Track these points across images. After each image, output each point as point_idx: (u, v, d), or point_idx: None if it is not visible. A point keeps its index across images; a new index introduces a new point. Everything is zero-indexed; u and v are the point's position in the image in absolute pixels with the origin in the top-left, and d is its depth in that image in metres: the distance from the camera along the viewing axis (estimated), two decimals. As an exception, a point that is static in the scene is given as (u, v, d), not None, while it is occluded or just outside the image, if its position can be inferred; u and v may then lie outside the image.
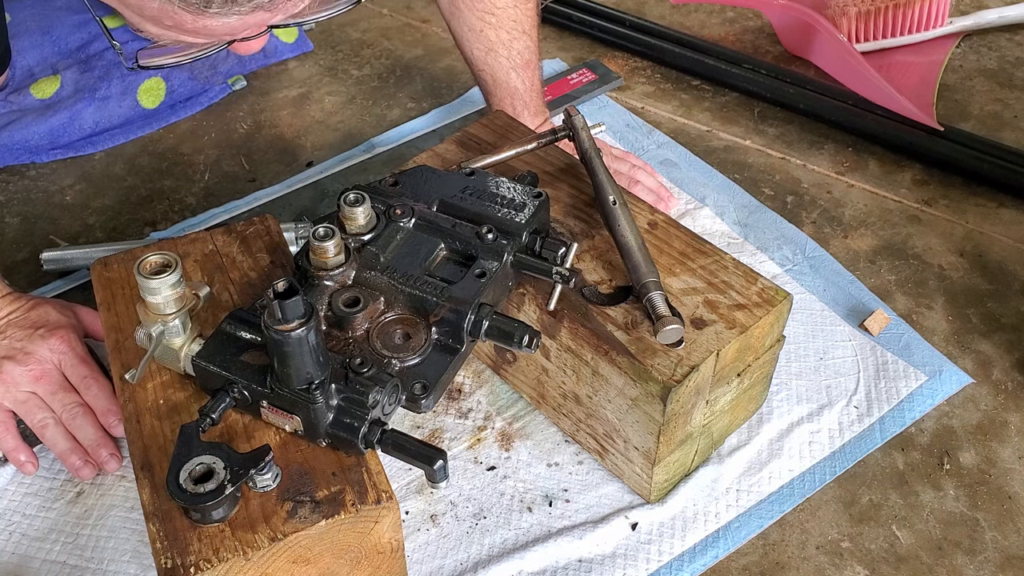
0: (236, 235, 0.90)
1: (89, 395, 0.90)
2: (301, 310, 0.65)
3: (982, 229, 1.16)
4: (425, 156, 1.00)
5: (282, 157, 1.30)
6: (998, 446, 0.93)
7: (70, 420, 0.88)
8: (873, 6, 1.40)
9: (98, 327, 0.93)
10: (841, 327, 1.03)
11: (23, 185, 1.26)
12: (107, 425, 0.90)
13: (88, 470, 0.88)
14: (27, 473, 0.89)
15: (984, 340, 1.03)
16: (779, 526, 0.87)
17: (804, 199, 1.20)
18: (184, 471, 0.66)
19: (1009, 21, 1.49)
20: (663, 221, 0.91)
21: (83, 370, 0.90)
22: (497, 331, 0.76)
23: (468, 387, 0.98)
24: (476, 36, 1.11)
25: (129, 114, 1.35)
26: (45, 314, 0.93)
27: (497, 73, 1.13)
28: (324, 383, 0.69)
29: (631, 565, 0.83)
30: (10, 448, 0.89)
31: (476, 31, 1.11)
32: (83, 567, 0.84)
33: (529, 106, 1.14)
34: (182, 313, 0.74)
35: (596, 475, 0.90)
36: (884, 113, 1.28)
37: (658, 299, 0.80)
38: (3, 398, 0.88)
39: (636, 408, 0.80)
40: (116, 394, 0.88)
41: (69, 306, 0.96)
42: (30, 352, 0.89)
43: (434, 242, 0.82)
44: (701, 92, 1.39)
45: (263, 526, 0.67)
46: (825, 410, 0.95)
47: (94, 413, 0.90)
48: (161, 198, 1.24)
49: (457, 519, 0.87)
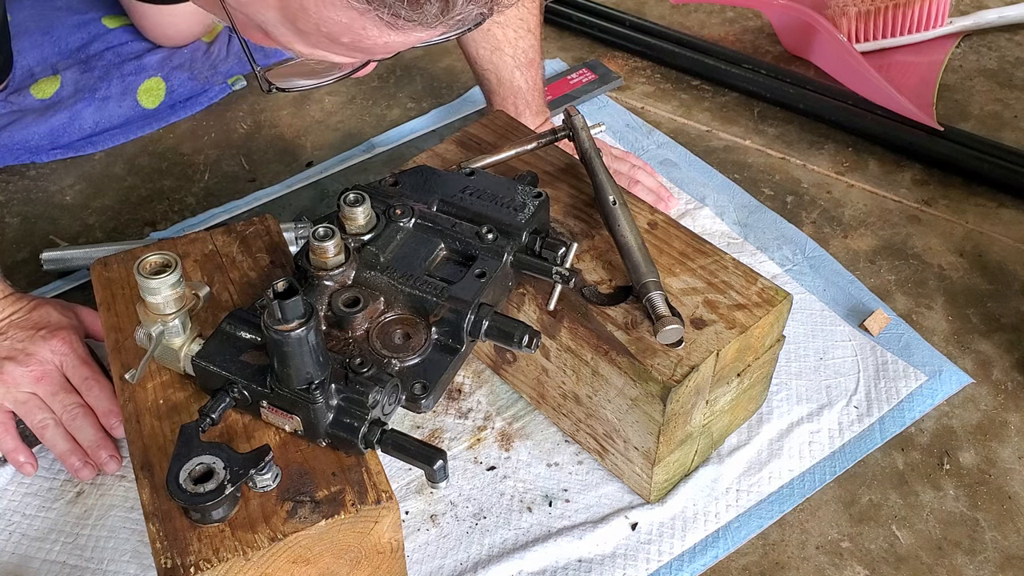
0: (236, 235, 0.90)
1: (90, 396, 0.90)
2: (301, 310, 0.65)
3: (982, 229, 1.16)
4: (425, 156, 1.00)
5: (282, 157, 1.30)
6: (998, 446, 0.93)
7: (70, 421, 0.88)
8: (873, 6, 1.40)
9: (98, 327, 0.93)
10: (841, 327, 1.03)
11: (23, 185, 1.26)
12: (108, 426, 0.90)
13: (88, 471, 0.88)
14: (26, 474, 0.89)
15: (984, 340, 1.03)
16: (779, 526, 0.87)
17: (804, 199, 1.20)
18: (184, 471, 0.66)
19: (1009, 21, 1.49)
20: (663, 221, 0.91)
21: (84, 371, 0.90)
22: (497, 331, 0.76)
23: (468, 387, 0.98)
24: (483, 35, 1.11)
25: (129, 114, 1.35)
26: (47, 315, 0.93)
27: (502, 72, 1.13)
28: (324, 383, 0.69)
29: (631, 565, 0.83)
30: (9, 449, 0.89)
31: (483, 30, 1.11)
32: (83, 567, 0.84)
33: (531, 105, 1.14)
34: (182, 313, 0.74)
35: (596, 475, 0.90)
36: (884, 113, 1.28)
37: (658, 299, 0.80)
38: (3, 398, 0.88)
39: (636, 408, 0.80)
40: (117, 395, 0.89)
41: (70, 307, 0.96)
42: (31, 353, 0.89)
43: (434, 242, 0.82)
44: (701, 92, 1.39)
45: (263, 526, 0.67)
46: (825, 410, 0.95)
47: (95, 414, 0.90)
48: (161, 198, 1.24)
49: (457, 519, 0.87)
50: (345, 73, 0.66)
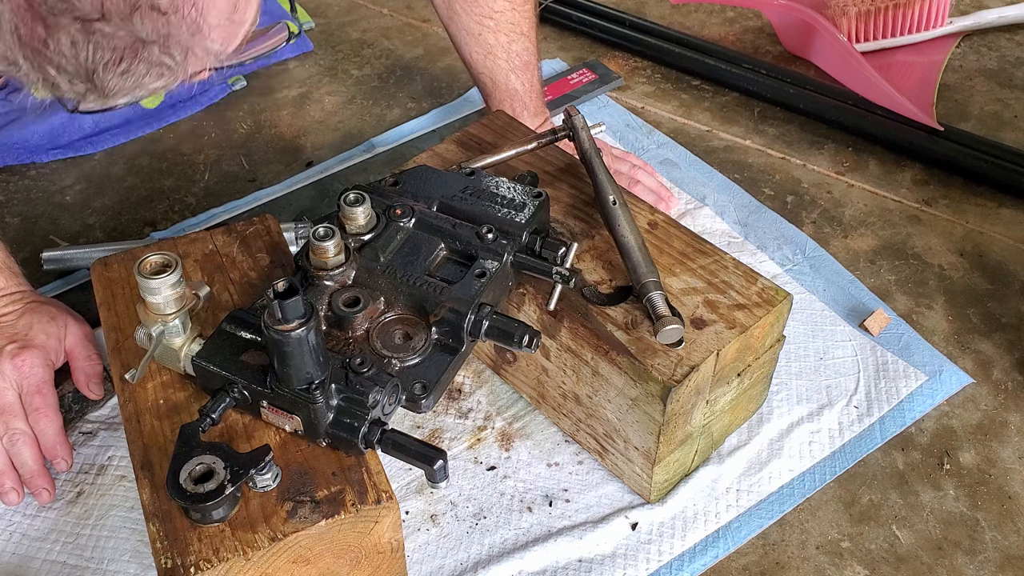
0: (236, 235, 0.90)
1: (37, 427, 0.88)
2: (301, 310, 0.65)
3: (982, 229, 1.16)
4: (425, 156, 1.00)
5: (282, 157, 1.30)
6: (998, 446, 0.93)
7: (10, 446, 0.87)
8: (873, 6, 1.40)
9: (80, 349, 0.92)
10: (841, 327, 1.03)
11: (23, 185, 1.26)
12: (51, 459, 0.88)
13: (14, 496, 0.87)
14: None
15: (984, 340, 1.03)
16: (779, 526, 0.87)
17: (804, 199, 1.20)
18: (184, 471, 0.66)
19: (1009, 21, 1.49)
20: (663, 221, 0.91)
21: (36, 401, 0.88)
22: (497, 331, 0.76)
23: (468, 387, 0.98)
24: (474, 40, 1.11)
25: (129, 114, 1.35)
26: (29, 326, 0.90)
27: (496, 76, 1.13)
28: (324, 383, 0.69)
29: (631, 565, 0.83)
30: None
31: (474, 35, 1.11)
32: (83, 567, 0.84)
33: (529, 107, 1.14)
34: (182, 313, 0.74)
35: (596, 475, 0.90)
36: (884, 113, 1.28)
37: (658, 299, 0.80)
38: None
39: (636, 408, 0.80)
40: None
41: (64, 318, 0.93)
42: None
43: (434, 242, 0.82)
44: (701, 92, 1.39)
45: (263, 526, 0.67)
46: (825, 410, 0.95)
47: (38, 444, 0.88)
48: (161, 198, 1.24)
49: (457, 519, 0.87)
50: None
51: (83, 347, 0.93)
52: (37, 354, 0.89)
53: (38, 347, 0.89)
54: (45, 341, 0.91)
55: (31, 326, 0.91)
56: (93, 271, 0.88)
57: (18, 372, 0.88)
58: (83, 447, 0.93)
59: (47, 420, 0.88)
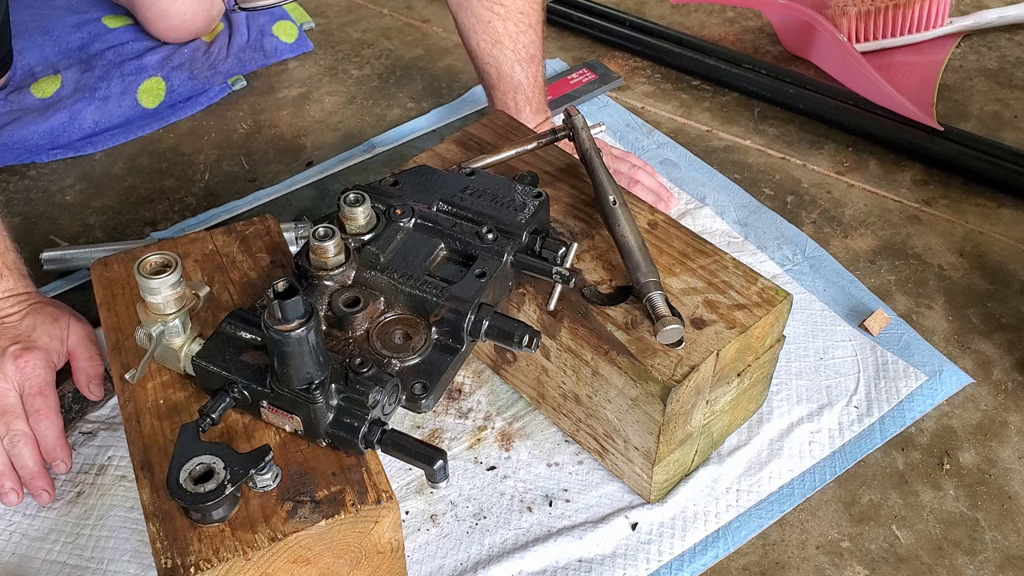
0: (236, 235, 0.90)
1: (37, 429, 0.88)
2: (301, 310, 0.65)
3: (982, 229, 1.16)
4: (425, 156, 1.00)
5: (282, 157, 1.30)
6: (998, 446, 0.93)
7: (10, 447, 0.87)
8: (873, 6, 1.40)
9: (82, 350, 0.92)
10: (841, 327, 1.03)
11: (23, 185, 1.26)
12: (51, 460, 0.88)
13: (14, 497, 0.87)
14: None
15: (984, 340, 1.03)
16: (779, 526, 0.87)
17: (804, 199, 1.20)
18: (184, 471, 0.66)
19: (1009, 21, 1.49)
20: (663, 221, 0.91)
21: (38, 402, 0.88)
22: (497, 331, 0.76)
23: (468, 387, 0.98)
24: (484, 27, 1.11)
25: (129, 114, 1.35)
26: (32, 327, 0.91)
27: (502, 66, 1.13)
28: (324, 383, 0.69)
29: (631, 565, 0.83)
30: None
31: (484, 22, 1.11)
32: (83, 567, 0.84)
33: (531, 101, 1.14)
34: (182, 313, 0.74)
35: (596, 475, 0.90)
36: (884, 113, 1.28)
37: (658, 299, 0.80)
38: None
39: (636, 408, 0.80)
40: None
41: (67, 319, 0.94)
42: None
43: (434, 242, 0.82)
44: (701, 92, 1.39)
45: (263, 526, 0.67)
46: (825, 410, 0.95)
47: (38, 445, 0.88)
48: (161, 198, 1.24)
49: (457, 519, 0.87)
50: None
51: (85, 348, 0.93)
52: (40, 355, 0.89)
53: (41, 348, 0.90)
54: (48, 342, 0.91)
55: (34, 327, 0.91)
56: (93, 271, 0.88)
57: (20, 373, 0.88)
58: (83, 447, 0.93)
59: (48, 422, 0.88)
